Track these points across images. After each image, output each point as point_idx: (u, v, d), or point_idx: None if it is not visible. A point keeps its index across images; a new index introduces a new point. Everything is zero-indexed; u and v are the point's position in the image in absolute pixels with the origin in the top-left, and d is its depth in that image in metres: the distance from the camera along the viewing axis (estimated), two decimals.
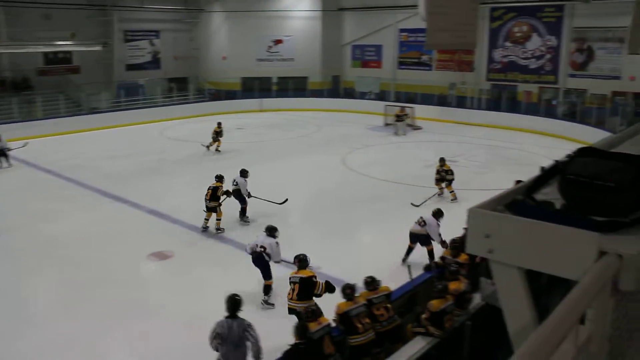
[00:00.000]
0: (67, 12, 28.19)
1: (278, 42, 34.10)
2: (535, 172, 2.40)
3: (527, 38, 27.80)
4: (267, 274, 9.20)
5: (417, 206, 11.34)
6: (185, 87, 33.39)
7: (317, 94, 33.84)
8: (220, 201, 12.40)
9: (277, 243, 9.23)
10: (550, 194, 2.23)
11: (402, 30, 32.44)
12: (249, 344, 6.26)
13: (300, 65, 33.95)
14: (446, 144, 22.92)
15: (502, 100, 28.31)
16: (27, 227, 13.14)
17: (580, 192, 2.00)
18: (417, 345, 6.40)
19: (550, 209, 2.01)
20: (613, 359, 1.85)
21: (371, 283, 7.01)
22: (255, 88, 33.18)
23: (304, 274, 7.81)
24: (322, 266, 10.81)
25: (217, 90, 33.89)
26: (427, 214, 10.60)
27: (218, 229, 12.42)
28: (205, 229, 12.49)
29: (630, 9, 8.84)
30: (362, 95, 34.14)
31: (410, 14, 29.81)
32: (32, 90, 27.63)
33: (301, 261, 7.94)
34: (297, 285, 7.74)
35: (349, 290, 6.78)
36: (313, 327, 6.20)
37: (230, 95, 33.69)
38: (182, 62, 34.58)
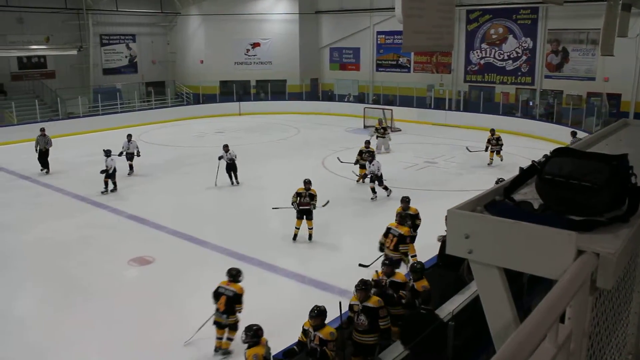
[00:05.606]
0: (41, 16, 27.83)
1: (255, 45, 34.03)
2: (513, 172, 2.42)
3: (503, 40, 28.14)
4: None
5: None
6: (163, 91, 33.14)
7: (296, 97, 33.84)
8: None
9: None
10: (528, 194, 2.25)
11: (379, 33, 32.62)
12: None
13: (279, 69, 33.91)
14: (425, 146, 23.07)
15: (480, 101, 28.59)
16: (3, 235, 12.92)
17: (557, 192, 2.02)
18: (399, 347, 6.41)
19: (528, 209, 2.03)
20: (593, 357, 1.87)
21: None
22: (234, 92, 33.11)
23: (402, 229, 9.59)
24: (305, 270, 10.84)
25: (195, 94, 33.72)
26: None
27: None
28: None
29: (602, 11, 9.01)
30: (341, 98, 34.23)
31: (387, 16, 30.04)
32: (6, 95, 27.21)
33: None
34: (395, 238, 9.53)
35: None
36: (263, 349, 6.13)
37: (208, 99, 33.53)
38: (159, 66, 34.33)
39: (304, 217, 12.10)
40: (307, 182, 12.24)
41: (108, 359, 8.10)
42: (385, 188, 15.22)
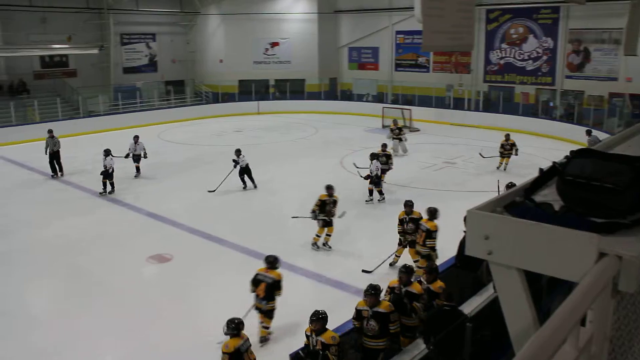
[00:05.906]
0: (63, 16, 28.19)
1: (275, 44, 34.11)
2: (533, 173, 2.40)
3: (523, 40, 27.87)
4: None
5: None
6: (182, 90, 33.43)
7: (315, 96, 33.87)
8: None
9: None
10: (549, 195, 2.23)
11: (399, 32, 32.50)
12: None
13: (297, 68, 33.96)
14: (443, 146, 22.95)
15: (499, 101, 28.32)
16: (23, 231, 13.11)
17: (579, 193, 2.00)
18: (415, 349, 6.38)
19: (549, 210, 2.00)
20: None
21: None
22: (252, 91, 33.24)
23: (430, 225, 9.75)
24: (321, 269, 10.83)
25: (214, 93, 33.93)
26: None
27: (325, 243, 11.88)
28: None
29: (626, 10, 8.87)
30: (360, 98, 34.19)
31: (406, 15, 29.89)
32: (29, 94, 27.61)
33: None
34: (424, 233, 9.74)
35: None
36: (238, 341, 6.34)
37: (227, 98, 33.70)
38: (179, 65, 34.58)
39: (326, 225, 11.68)
40: (330, 188, 11.72)
41: (127, 358, 8.18)
42: (380, 192, 14.98)
